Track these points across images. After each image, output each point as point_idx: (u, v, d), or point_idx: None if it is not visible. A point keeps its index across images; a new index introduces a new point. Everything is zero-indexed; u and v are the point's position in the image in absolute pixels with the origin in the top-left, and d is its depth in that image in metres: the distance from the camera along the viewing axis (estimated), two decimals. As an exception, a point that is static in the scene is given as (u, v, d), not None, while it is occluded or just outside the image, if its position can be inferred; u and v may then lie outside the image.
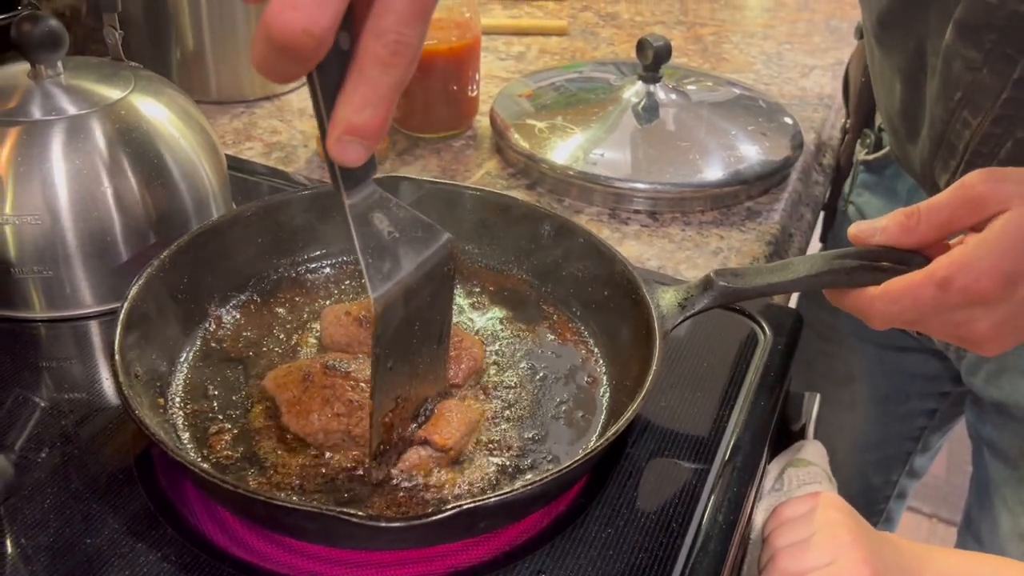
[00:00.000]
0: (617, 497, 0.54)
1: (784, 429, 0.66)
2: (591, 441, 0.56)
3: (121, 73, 0.68)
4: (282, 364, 0.59)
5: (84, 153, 0.62)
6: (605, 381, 0.61)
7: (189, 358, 0.60)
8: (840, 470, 0.62)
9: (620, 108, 0.90)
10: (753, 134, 0.90)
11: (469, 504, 0.44)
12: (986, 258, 0.50)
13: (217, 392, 0.57)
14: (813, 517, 0.55)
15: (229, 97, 0.98)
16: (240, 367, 0.60)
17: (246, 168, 0.85)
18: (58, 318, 0.65)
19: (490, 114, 0.93)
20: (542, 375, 0.61)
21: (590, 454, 0.49)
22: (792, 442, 0.63)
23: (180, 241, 0.60)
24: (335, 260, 0.69)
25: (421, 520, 0.43)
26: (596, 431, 0.57)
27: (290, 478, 0.52)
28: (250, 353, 0.61)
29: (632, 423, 0.51)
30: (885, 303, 0.53)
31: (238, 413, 0.56)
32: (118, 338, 0.52)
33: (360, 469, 0.52)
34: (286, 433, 0.54)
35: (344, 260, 0.69)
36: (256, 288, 0.65)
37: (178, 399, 0.57)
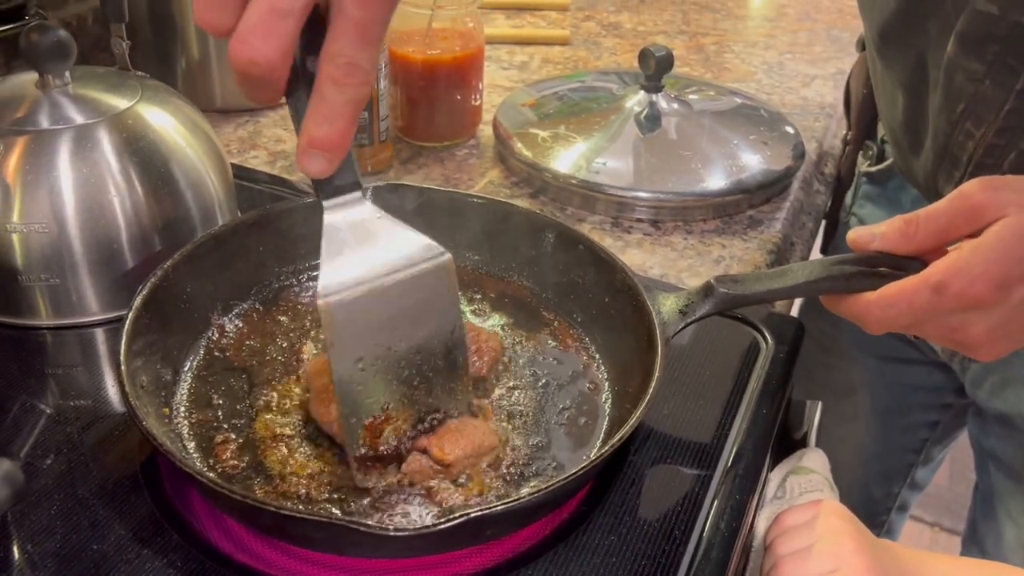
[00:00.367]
0: (620, 504, 0.54)
1: (786, 437, 0.67)
2: (595, 447, 0.56)
3: (128, 83, 0.69)
4: (286, 373, 0.60)
5: (91, 162, 0.63)
6: (607, 387, 0.61)
7: (193, 367, 0.60)
8: (841, 482, 0.62)
9: (622, 117, 0.91)
10: (755, 143, 0.91)
11: (476, 512, 0.45)
12: (981, 263, 0.50)
13: (222, 401, 0.58)
14: (815, 525, 0.55)
15: (234, 106, 0.99)
16: (244, 376, 0.60)
17: (251, 177, 0.85)
18: (64, 325, 0.65)
19: (493, 123, 0.94)
20: (544, 381, 0.61)
21: (597, 460, 0.49)
22: (794, 450, 0.64)
23: (183, 251, 0.60)
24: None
25: (429, 528, 0.44)
26: (599, 437, 0.57)
27: (297, 487, 0.52)
28: (254, 362, 0.61)
29: (635, 430, 0.51)
30: (881, 307, 0.53)
31: (243, 422, 0.56)
32: (123, 348, 0.53)
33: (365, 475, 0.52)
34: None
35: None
36: (258, 296, 0.66)
37: (183, 408, 0.57)
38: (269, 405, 0.58)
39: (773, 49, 1.25)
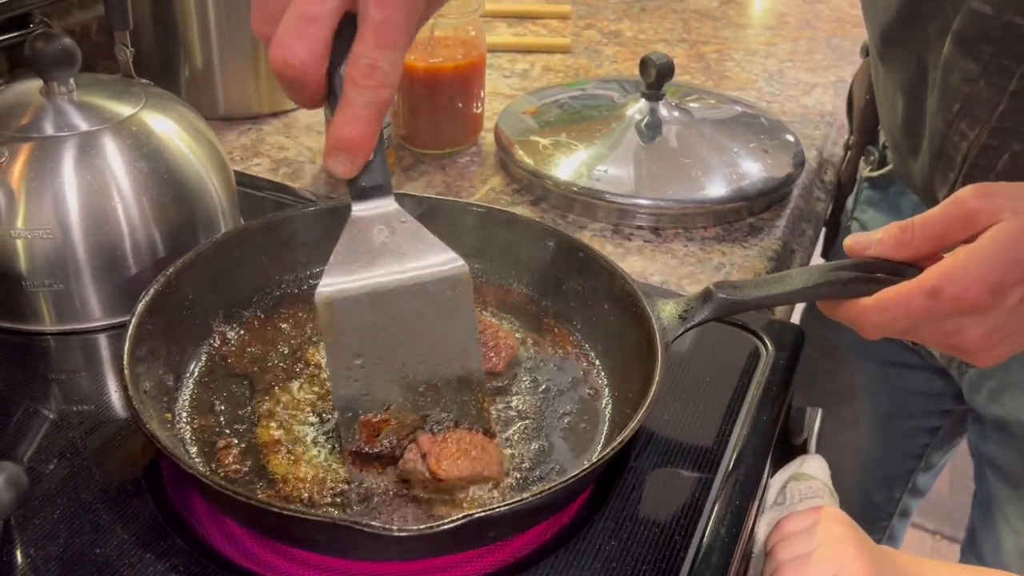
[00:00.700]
0: (621, 509, 0.54)
1: (786, 443, 0.67)
2: (596, 452, 0.56)
3: (132, 90, 0.69)
4: (287, 379, 0.60)
5: (95, 169, 0.63)
6: (607, 393, 0.61)
7: (195, 373, 0.60)
8: (842, 487, 0.62)
9: (623, 125, 0.91)
10: (755, 151, 0.91)
11: (480, 513, 0.45)
12: (975, 268, 0.50)
13: (224, 407, 0.58)
14: (816, 531, 0.56)
15: (237, 114, 0.99)
16: (246, 382, 0.60)
17: (254, 184, 0.85)
18: (67, 331, 0.66)
19: (495, 131, 0.94)
20: (545, 387, 0.61)
21: (599, 462, 0.49)
22: (794, 456, 0.64)
23: (185, 257, 0.61)
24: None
25: (432, 528, 0.44)
26: (601, 442, 0.57)
27: (299, 491, 0.52)
28: (255, 368, 0.61)
29: (636, 435, 0.51)
30: (878, 312, 0.54)
31: (245, 428, 0.57)
32: (127, 353, 0.53)
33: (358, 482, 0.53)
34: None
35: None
36: (260, 304, 0.66)
37: (185, 414, 0.57)
38: (271, 411, 0.58)
39: (773, 57, 1.26)
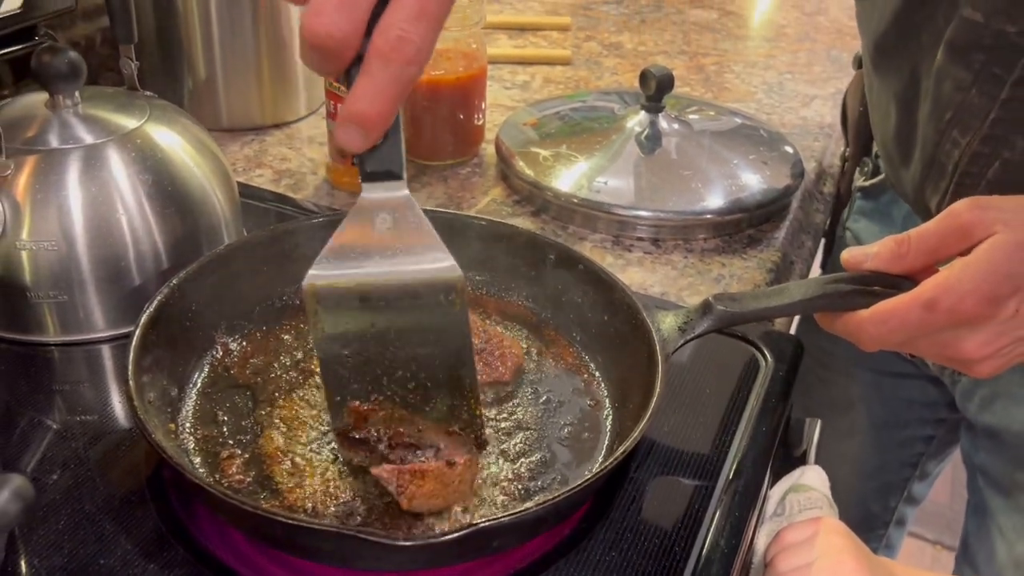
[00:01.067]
0: (621, 520, 0.55)
1: (786, 454, 0.67)
2: (598, 462, 0.57)
3: (136, 103, 0.70)
4: (290, 390, 0.61)
5: (100, 181, 0.64)
6: (608, 404, 0.62)
7: (198, 384, 0.61)
8: (839, 496, 0.62)
9: (623, 137, 0.92)
10: (754, 163, 0.92)
11: (484, 523, 0.45)
12: (970, 280, 0.51)
13: (227, 418, 0.58)
14: (815, 542, 0.56)
15: (240, 125, 1.00)
16: (248, 393, 0.60)
17: (256, 195, 0.86)
18: (71, 342, 0.66)
19: (496, 142, 0.95)
20: (546, 398, 0.62)
21: (601, 472, 0.50)
22: (794, 467, 0.64)
23: (189, 269, 0.61)
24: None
25: (437, 538, 0.44)
26: (602, 452, 0.58)
27: (302, 501, 0.52)
28: (258, 379, 0.62)
29: (637, 445, 0.52)
30: (874, 324, 0.54)
31: (248, 438, 0.57)
32: (131, 364, 0.54)
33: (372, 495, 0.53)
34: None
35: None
36: (262, 315, 0.66)
37: (188, 424, 0.58)
38: (273, 421, 0.58)
39: (773, 69, 1.26)
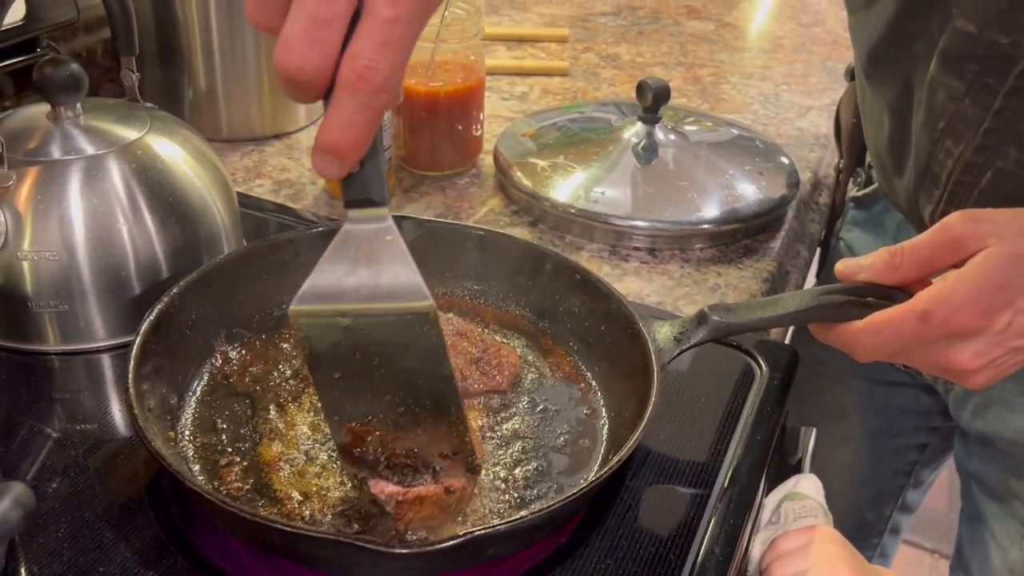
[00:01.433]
0: (616, 529, 0.55)
1: (781, 463, 0.68)
2: (594, 470, 0.57)
3: (137, 114, 0.70)
4: (289, 399, 0.61)
5: (101, 192, 0.64)
6: (604, 413, 0.62)
7: (197, 392, 0.61)
8: (834, 505, 0.63)
9: (620, 148, 0.92)
10: (750, 174, 0.92)
11: (480, 531, 0.46)
12: (964, 292, 0.52)
13: (226, 426, 0.59)
14: (810, 550, 0.56)
15: (240, 136, 1.01)
16: (247, 401, 0.61)
17: (256, 205, 0.87)
18: (71, 351, 0.66)
19: (494, 153, 0.96)
20: (542, 407, 0.62)
21: (597, 480, 0.50)
22: (789, 476, 0.65)
23: (189, 278, 0.62)
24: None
25: (434, 546, 0.45)
26: (598, 461, 0.58)
27: (301, 509, 0.53)
28: (257, 388, 0.62)
29: (632, 454, 0.52)
30: (868, 335, 0.55)
31: (247, 446, 0.57)
32: (132, 372, 0.54)
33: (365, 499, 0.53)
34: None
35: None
36: (261, 324, 0.67)
37: (187, 432, 0.58)
38: (272, 429, 0.59)
39: (769, 80, 1.27)
